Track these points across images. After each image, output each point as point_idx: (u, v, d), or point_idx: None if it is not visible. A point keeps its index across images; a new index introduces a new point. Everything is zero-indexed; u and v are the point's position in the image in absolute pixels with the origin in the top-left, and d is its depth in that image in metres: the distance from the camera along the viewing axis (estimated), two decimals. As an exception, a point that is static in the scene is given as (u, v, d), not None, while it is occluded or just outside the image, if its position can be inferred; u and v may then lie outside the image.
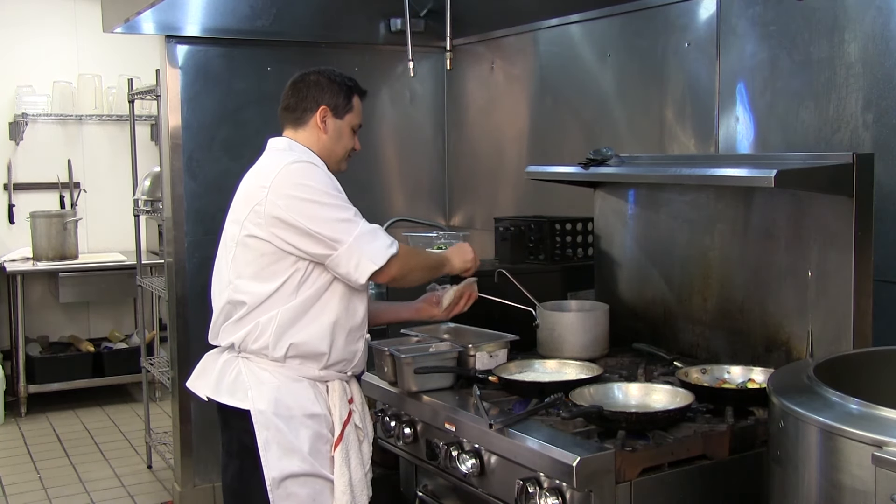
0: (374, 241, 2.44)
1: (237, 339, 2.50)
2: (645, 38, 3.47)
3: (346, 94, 2.63)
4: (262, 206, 2.42)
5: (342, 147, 2.64)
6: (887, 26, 2.58)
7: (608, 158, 3.02)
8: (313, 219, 2.40)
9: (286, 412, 2.46)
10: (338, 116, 2.62)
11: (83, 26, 6.85)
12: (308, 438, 2.47)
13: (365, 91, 2.71)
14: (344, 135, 2.64)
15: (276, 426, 2.44)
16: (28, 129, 6.80)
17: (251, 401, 2.45)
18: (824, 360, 2.05)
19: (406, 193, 4.78)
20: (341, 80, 2.64)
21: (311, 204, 2.41)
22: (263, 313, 2.45)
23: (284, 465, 2.44)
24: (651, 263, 3.10)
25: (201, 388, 2.59)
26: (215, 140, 4.27)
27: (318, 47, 4.44)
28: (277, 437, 2.44)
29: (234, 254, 2.49)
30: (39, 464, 5.37)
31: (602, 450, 2.10)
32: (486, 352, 2.75)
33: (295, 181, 2.43)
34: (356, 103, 2.66)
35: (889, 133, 2.57)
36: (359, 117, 2.67)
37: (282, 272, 2.44)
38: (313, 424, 2.49)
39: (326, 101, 2.60)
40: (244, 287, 2.47)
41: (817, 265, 2.50)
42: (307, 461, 2.46)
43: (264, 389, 2.46)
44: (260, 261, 2.45)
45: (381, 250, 2.44)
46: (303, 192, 2.42)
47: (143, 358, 5.43)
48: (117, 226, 6.82)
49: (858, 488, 1.61)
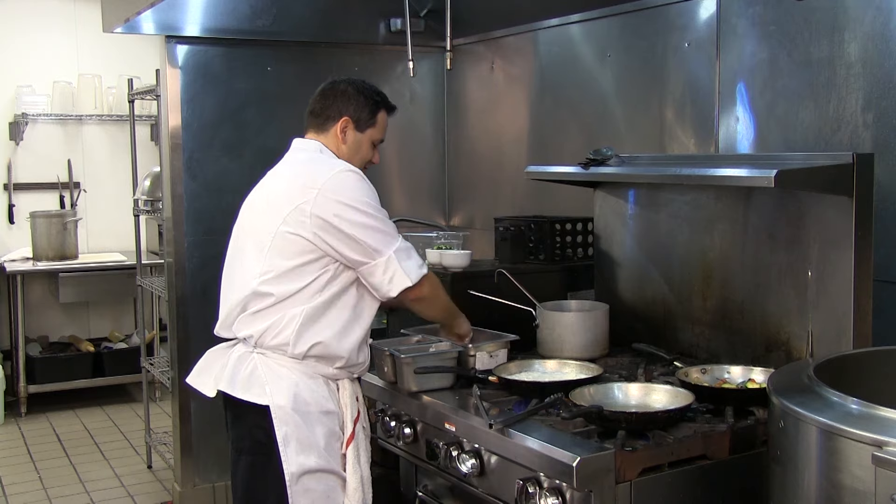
0: (409, 259, 2.53)
1: (256, 332, 2.50)
2: (645, 38, 3.47)
3: (371, 108, 2.65)
4: (308, 205, 2.45)
5: (359, 159, 2.66)
6: (887, 26, 2.58)
7: (608, 158, 3.02)
8: (360, 227, 2.46)
9: (304, 408, 2.48)
10: (359, 129, 2.65)
11: (83, 26, 6.85)
12: (324, 435, 2.49)
13: (394, 107, 2.73)
14: (363, 148, 2.67)
15: (295, 422, 2.46)
16: (28, 129, 6.80)
17: (269, 396, 2.46)
18: (824, 360, 2.05)
19: (406, 193, 4.78)
20: (370, 93, 2.66)
21: (360, 213, 2.47)
22: (288, 308, 2.48)
23: (303, 461, 2.46)
24: (651, 263, 3.10)
25: (205, 384, 2.59)
26: (215, 140, 4.27)
27: (318, 47, 4.44)
28: (297, 433, 2.46)
29: (271, 245, 2.49)
30: (39, 464, 5.37)
31: (602, 450, 2.10)
32: (486, 352, 2.75)
33: (348, 188, 2.48)
34: (381, 119, 2.68)
35: (889, 133, 2.57)
36: (381, 133, 2.70)
37: (314, 271, 2.48)
38: (328, 421, 2.51)
39: (350, 113, 2.63)
40: (275, 280, 2.48)
41: (817, 265, 2.50)
42: (323, 457, 2.49)
43: (283, 385, 2.47)
44: (297, 258, 2.47)
45: (415, 268, 2.53)
46: (353, 200, 2.47)
47: (143, 358, 5.43)
48: (117, 226, 6.82)
49: (858, 488, 1.61)
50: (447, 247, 3.35)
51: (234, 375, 2.52)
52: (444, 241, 3.42)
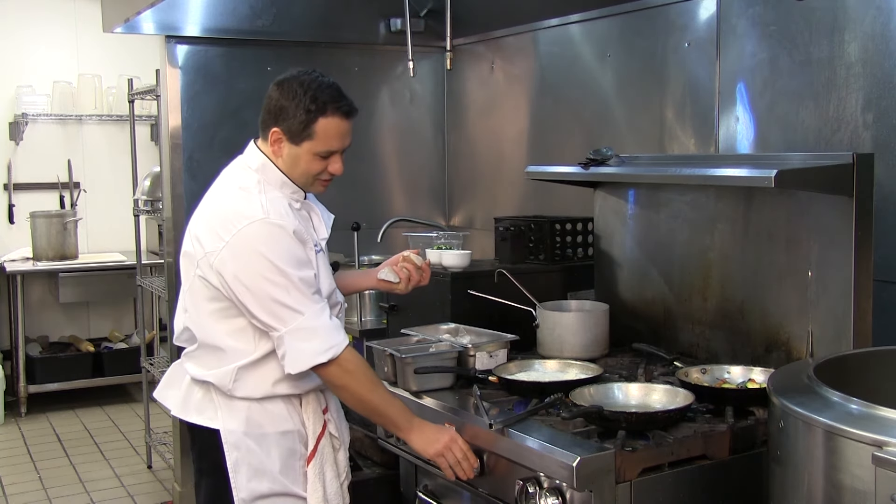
0: (306, 342, 2.24)
1: (196, 372, 2.38)
2: (645, 38, 3.47)
3: (305, 118, 2.26)
4: (214, 257, 2.26)
5: (300, 175, 2.34)
6: (887, 26, 2.58)
7: (608, 158, 3.02)
8: (257, 295, 2.22)
9: (258, 430, 2.35)
10: (293, 142, 2.30)
11: (83, 26, 6.86)
12: (279, 457, 2.36)
13: (347, 109, 2.31)
14: (301, 162, 2.32)
15: (247, 446, 2.34)
16: (28, 129, 6.81)
17: (221, 420, 2.35)
18: (824, 360, 2.05)
19: (406, 193, 4.78)
20: (306, 99, 2.26)
21: (260, 279, 2.21)
22: (220, 364, 2.32)
23: (254, 486, 2.35)
24: (651, 263, 3.10)
25: (170, 398, 2.51)
26: (215, 140, 4.26)
27: (318, 47, 4.44)
28: (248, 458, 2.34)
29: (192, 285, 2.35)
30: (39, 464, 5.37)
31: (602, 450, 2.10)
32: (486, 352, 2.74)
33: (251, 247, 2.22)
34: (321, 128, 2.28)
35: (889, 133, 2.57)
36: (327, 143, 2.29)
37: (238, 316, 2.30)
38: (286, 442, 2.38)
39: (278, 124, 2.31)
40: (200, 322, 2.34)
41: (817, 265, 2.50)
42: (278, 481, 2.36)
43: (235, 407, 2.35)
44: (214, 303, 2.30)
45: (307, 356, 2.24)
46: (255, 262, 2.22)
47: (143, 358, 5.43)
48: (117, 226, 6.82)
49: (858, 488, 1.61)
50: (447, 247, 3.35)
51: (188, 398, 2.41)
52: (444, 241, 3.42)
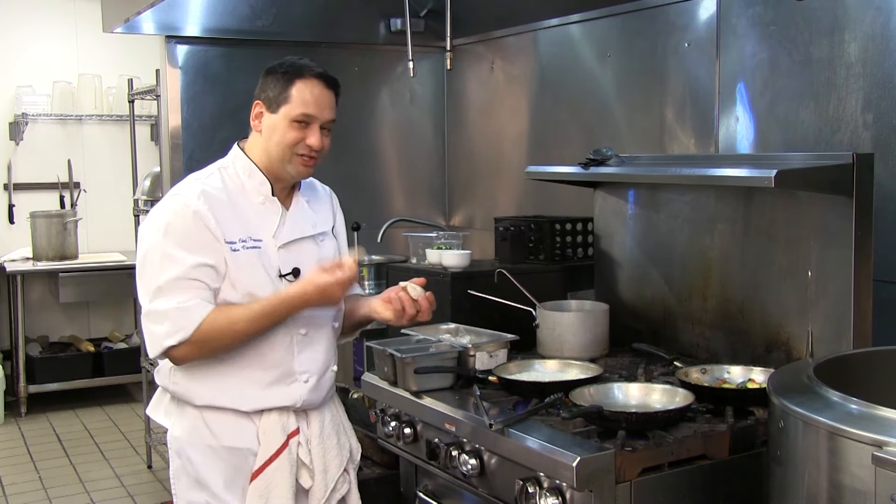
0: (157, 325, 2.16)
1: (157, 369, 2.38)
2: (645, 38, 3.47)
3: (282, 82, 2.24)
4: None
5: (276, 145, 2.25)
6: (887, 26, 2.58)
7: (608, 158, 3.02)
8: (139, 269, 2.23)
9: (201, 441, 2.27)
10: (271, 110, 2.26)
11: (83, 26, 6.86)
12: (222, 472, 2.27)
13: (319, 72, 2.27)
14: (278, 130, 2.24)
15: (187, 456, 2.29)
16: (28, 129, 6.81)
17: (171, 425, 2.33)
18: (824, 360, 2.06)
19: (406, 193, 4.78)
20: (282, 67, 2.27)
21: (141, 255, 2.23)
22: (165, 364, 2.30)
23: (192, 497, 2.29)
24: (651, 263, 3.10)
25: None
26: (215, 140, 4.26)
27: (318, 47, 4.44)
28: (188, 468, 2.29)
29: None
30: (39, 464, 5.37)
31: (602, 450, 2.10)
32: (486, 352, 2.74)
33: (147, 223, 2.25)
34: (297, 91, 2.22)
35: (889, 133, 2.57)
36: (301, 107, 2.22)
37: None
38: (233, 458, 2.28)
39: (260, 97, 2.29)
40: None
41: (817, 265, 2.50)
42: (217, 497, 2.27)
43: (185, 414, 2.30)
44: None
45: (157, 339, 2.16)
46: (144, 238, 2.23)
47: (143, 358, 5.43)
48: (117, 226, 6.82)
49: (858, 488, 1.61)
50: (447, 247, 3.35)
51: (160, 397, 2.41)
52: (444, 241, 3.42)
